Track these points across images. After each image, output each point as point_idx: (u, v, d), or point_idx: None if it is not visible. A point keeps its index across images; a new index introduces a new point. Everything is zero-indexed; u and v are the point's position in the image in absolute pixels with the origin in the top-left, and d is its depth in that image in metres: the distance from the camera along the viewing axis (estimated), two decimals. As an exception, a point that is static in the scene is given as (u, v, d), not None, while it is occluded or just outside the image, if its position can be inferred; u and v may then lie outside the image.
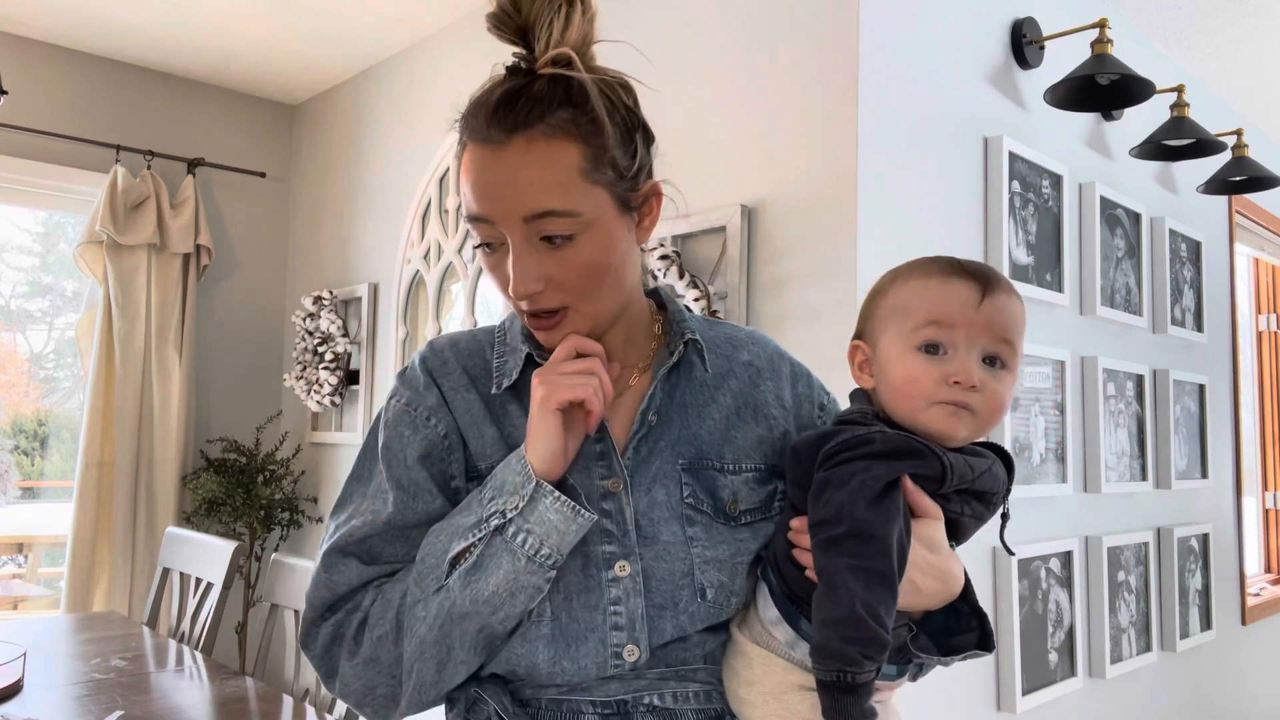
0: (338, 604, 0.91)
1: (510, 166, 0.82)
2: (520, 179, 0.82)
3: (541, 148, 0.82)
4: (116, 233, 3.24)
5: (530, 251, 0.84)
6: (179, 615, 2.32)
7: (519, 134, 0.82)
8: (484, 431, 0.93)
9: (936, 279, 0.87)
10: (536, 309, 0.87)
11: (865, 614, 0.74)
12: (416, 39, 3.19)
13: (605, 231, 0.86)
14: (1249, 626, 3.35)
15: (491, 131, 0.83)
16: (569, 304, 0.87)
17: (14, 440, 3.93)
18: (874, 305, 0.92)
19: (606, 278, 0.87)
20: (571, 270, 0.85)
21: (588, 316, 0.88)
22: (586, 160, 0.83)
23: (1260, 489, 3.93)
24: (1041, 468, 2.27)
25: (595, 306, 0.88)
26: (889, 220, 1.93)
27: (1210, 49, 2.98)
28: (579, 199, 0.83)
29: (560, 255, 0.84)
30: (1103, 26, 2.19)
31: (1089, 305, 2.49)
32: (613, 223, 0.87)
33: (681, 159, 2.20)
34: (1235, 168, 2.77)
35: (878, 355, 0.89)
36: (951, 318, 0.84)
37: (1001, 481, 0.87)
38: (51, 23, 3.13)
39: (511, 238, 0.84)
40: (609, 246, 0.86)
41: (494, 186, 0.83)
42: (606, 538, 0.87)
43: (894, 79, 1.96)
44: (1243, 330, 3.76)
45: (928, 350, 0.85)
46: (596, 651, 0.85)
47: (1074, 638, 2.33)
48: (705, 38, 2.19)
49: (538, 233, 0.83)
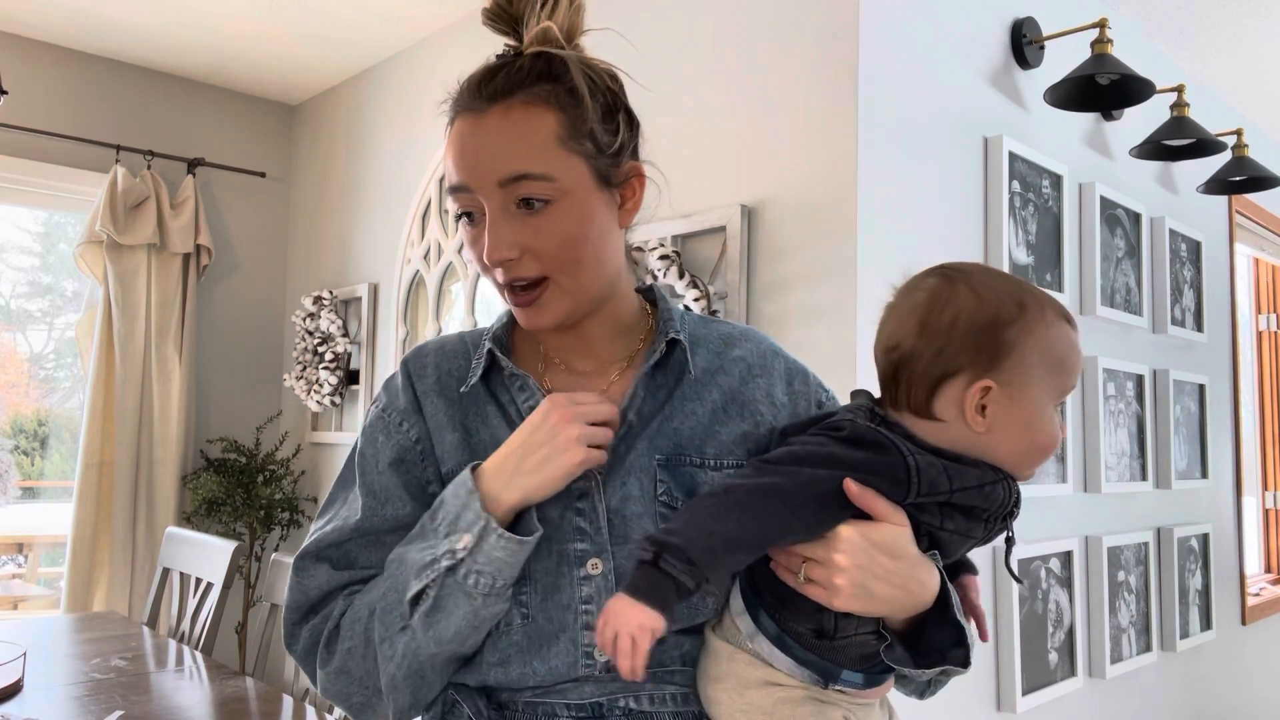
0: (315, 607, 0.92)
1: (489, 131, 0.85)
2: (497, 143, 0.84)
3: (519, 113, 0.84)
4: (116, 233, 3.24)
5: (506, 218, 0.85)
6: (179, 615, 2.32)
7: (498, 102, 0.85)
8: (445, 436, 0.92)
9: (1071, 331, 0.84)
10: (513, 278, 0.86)
11: (702, 535, 0.76)
12: (416, 39, 3.19)
13: (583, 202, 0.86)
14: (1249, 626, 3.35)
15: (474, 101, 0.86)
16: (548, 274, 0.86)
17: (14, 440, 3.94)
18: (1019, 345, 0.81)
19: (585, 250, 0.87)
20: (548, 238, 0.85)
21: (568, 292, 0.88)
22: (564, 129, 0.85)
23: (1260, 489, 3.93)
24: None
25: (575, 281, 0.87)
26: (889, 220, 1.93)
27: (1210, 49, 2.98)
28: (555, 165, 0.84)
29: (536, 222, 0.85)
30: (1103, 26, 2.19)
31: (1089, 305, 2.49)
32: (590, 194, 0.87)
33: (681, 159, 2.20)
34: (1235, 168, 2.77)
35: (1018, 404, 0.80)
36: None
37: (998, 501, 0.82)
38: (51, 23, 3.13)
39: (488, 203, 0.85)
40: (586, 217, 0.86)
41: (472, 153, 0.85)
42: (579, 535, 0.86)
43: (894, 79, 1.96)
44: (1243, 330, 3.76)
45: (1059, 407, 0.84)
46: (567, 651, 0.84)
47: (1074, 638, 2.33)
48: (706, 38, 2.19)
49: (514, 197, 0.84)
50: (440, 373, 0.96)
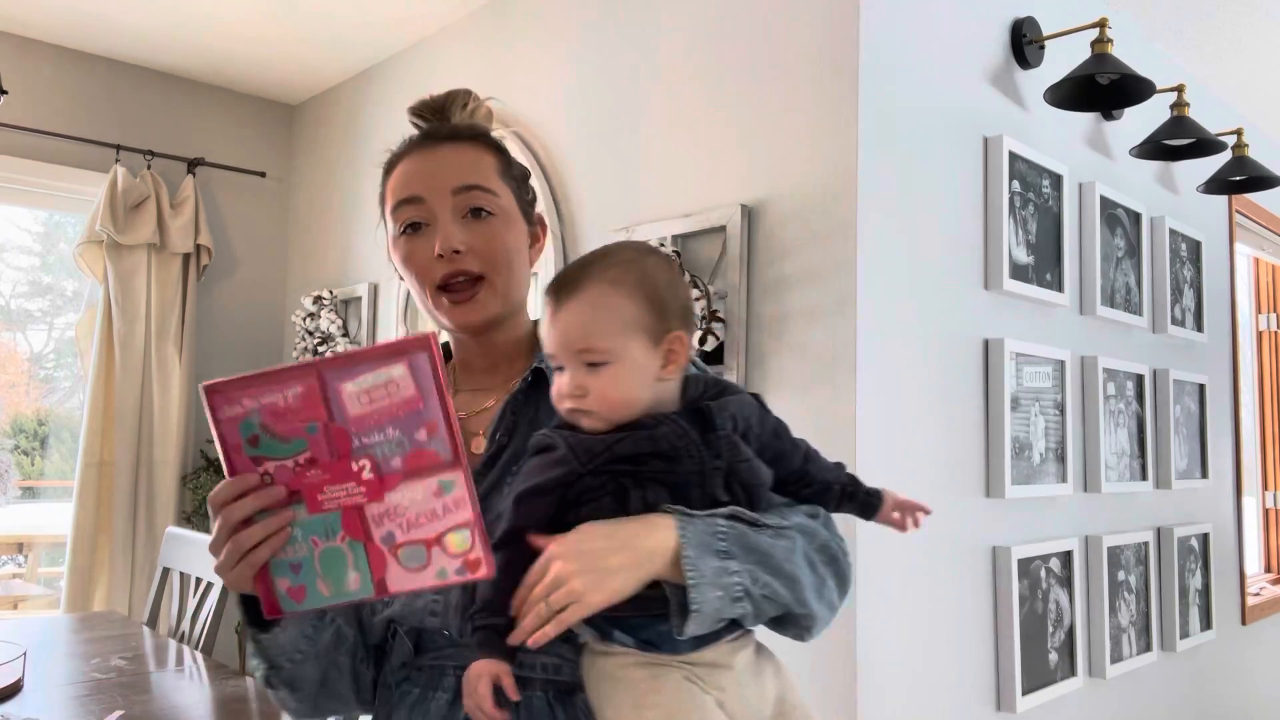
0: None
1: (442, 156, 1.02)
2: (452, 163, 1.02)
3: (468, 147, 1.04)
4: (116, 232, 3.24)
5: (457, 220, 1.00)
6: (179, 615, 2.32)
7: (448, 142, 1.03)
8: None
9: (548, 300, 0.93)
10: (457, 271, 0.99)
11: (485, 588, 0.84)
12: (416, 39, 3.19)
13: (515, 223, 1.04)
14: (1249, 626, 3.35)
15: (424, 141, 1.04)
16: (486, 273, 1.00)
17: (14, 440, 3.93)
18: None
19: (516, 261, 1.03)
20: (490, 243, 1.00)
21: (499, 293, 1.01)
22: (501, 165, 1.05)
23: (1260, 489, 3.93)
24: (1041, 468, 2.27)
25: (506, 284, 1.02)
26: (889, 220, 1.93)
27: (1210, 48, 2.98)
28: (498, 186, 1.03)
29: (482, 228, 1.01)
30: (1103, 26, 2.19)
31: (1089, 305, 2.49)
32: (518, 220, 1.05)
33: (681, 159, 2.20)
34: (1235, 167, 2.77)
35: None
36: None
37: (688, 438, 0.85)
38: (51, 23, 3.13)
39: (441, 209, 1.00)
40: (518, 235, 1.04)
41: (427, 173, 1.02)
42: None
43: (894, 79, 1.96)
44: (1243, 330, 3.76)
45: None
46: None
47: (1074, 637, 2.33)
48: (706, 38, 2.19)
49: (465, 205, 1.00)
50: None
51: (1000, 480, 2.12)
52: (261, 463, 0.80)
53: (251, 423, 0.79)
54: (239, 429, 0.80)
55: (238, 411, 0.79)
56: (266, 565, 0.82)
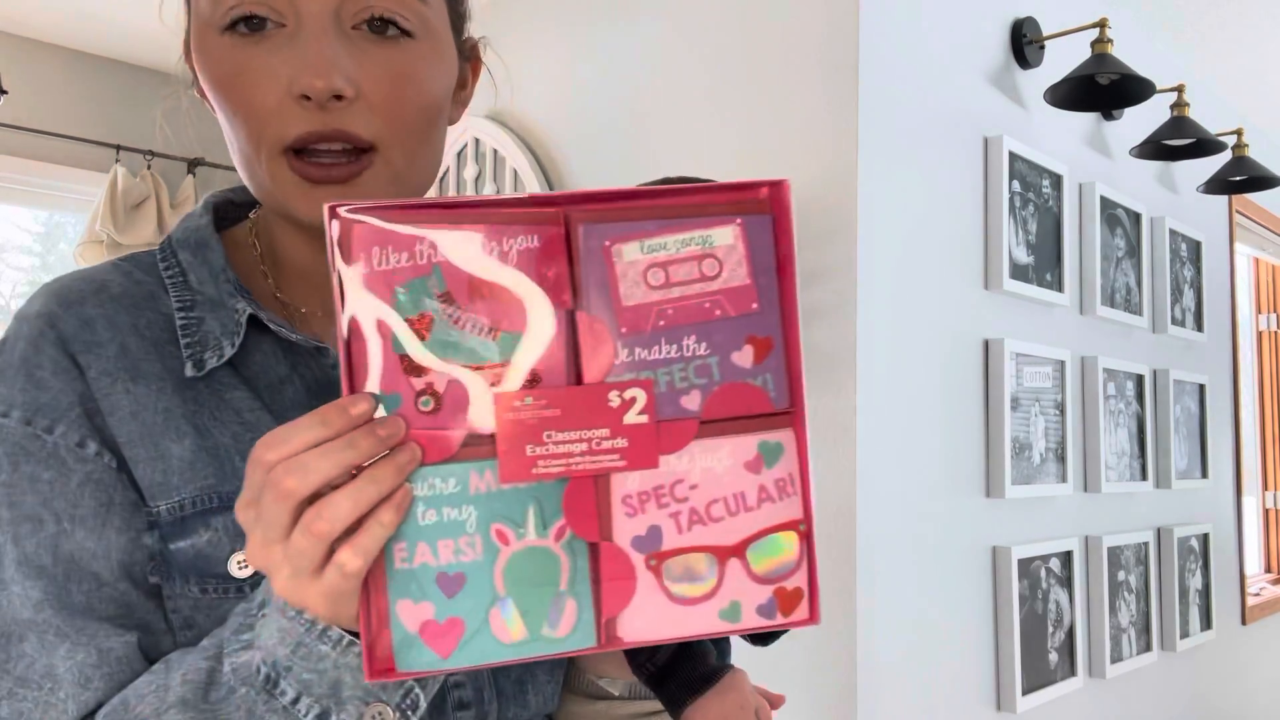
0: None
1: None
2: None
3: None
4: (117, 232, 3.23)
5: (340, 35, 0.57)
6: (179, 615, 2.31)
7: None
8: (164, 447, 0.58)
9: None
10: (332, 129, 0.57)
11: None
12: (416, 39, 3.19)
13: (441, 54, 0.62)
14: (1249, 626, 3.35)
15: None
16: (378, 142, 0.58)
17: (14, 440, 3.92)
18: None
19: (433, 119, 0.61)
20: (396, 84, 0.58)
21: (397, 178, 0.60)
22: None
23: (1260, 489, 3.93)
24: (1041, 468, 2.27)
25: (410, 163, 0.60)
26: (889, 220, 1.93)
27: (1210, 48, 2.98)
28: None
29: (387, 55, 0.58)
30: (1103, 26, 2.19)
31: (1089, 305, 2.49)
32: (448, 49, 0.63)
33: (681, 159, 2.20)
34: (1235, 167, 2.77)
35: None
36: None
37: None
38: (51, 23, 3.13)
39: (311, 9, 0.56)
40: (442, 74, 0.62)
41: None
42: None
43: (894, 79, 1.96)
44: (1243, 330, 3.76)
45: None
46: None
47: (1074, 638, 2.33)
48: (705, 38, 2.19)
49: (362, 9, 0.57)
50: (129, 335, 0.60)
51: (1000, 480, 2.12)
52: (423, 373, 0.42)
53: (426, 288, 0.42)
54: (399, 296, 0.42)
55: (404, 263, 0.42)
56: (381, 572, 0.43)
